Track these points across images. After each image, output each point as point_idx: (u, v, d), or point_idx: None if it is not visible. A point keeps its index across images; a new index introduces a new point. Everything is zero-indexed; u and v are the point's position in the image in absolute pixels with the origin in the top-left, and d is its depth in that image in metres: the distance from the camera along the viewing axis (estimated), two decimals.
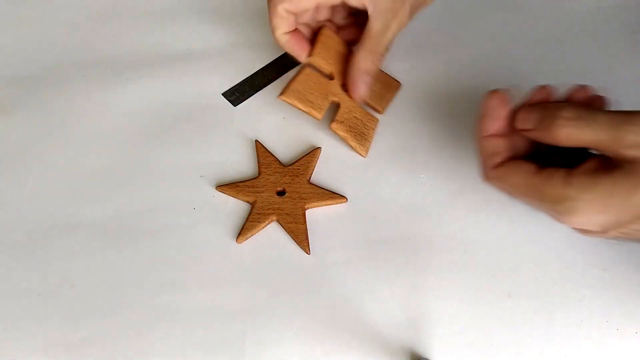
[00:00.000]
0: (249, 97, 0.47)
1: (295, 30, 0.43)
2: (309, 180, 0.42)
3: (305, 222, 0.40)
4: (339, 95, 0.43)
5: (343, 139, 0.42)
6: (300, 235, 0.39)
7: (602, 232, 0.30)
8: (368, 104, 0.45)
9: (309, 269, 0.39)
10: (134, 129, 0.45)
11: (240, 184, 0.42)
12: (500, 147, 0.34)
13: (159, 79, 0.48)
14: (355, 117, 0.43)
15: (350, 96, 0.43)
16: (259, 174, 0.42)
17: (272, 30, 0.42)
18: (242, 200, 0.41)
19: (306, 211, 0.40)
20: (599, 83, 0.47)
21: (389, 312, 0.37)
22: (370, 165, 0.43)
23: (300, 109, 0.40)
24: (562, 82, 0.48)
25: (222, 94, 0.47)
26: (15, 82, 0.48)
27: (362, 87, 0.42)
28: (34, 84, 0.48)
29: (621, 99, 0.46)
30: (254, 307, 0.37)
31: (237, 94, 0.47)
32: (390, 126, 0.45)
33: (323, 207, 0.41)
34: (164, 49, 0.50)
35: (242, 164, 0.43)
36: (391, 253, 0.39)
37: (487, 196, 0.41)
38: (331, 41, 0.43)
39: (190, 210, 0.41)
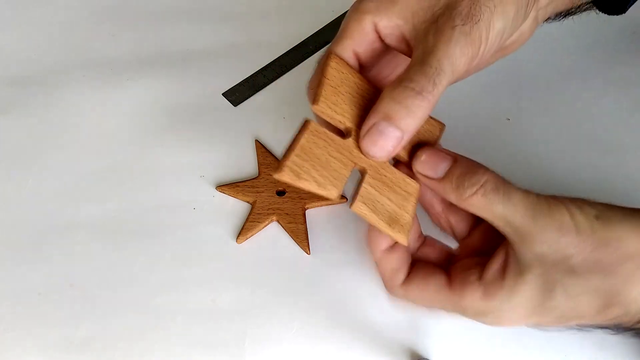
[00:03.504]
0: (249, 97, 0.47)
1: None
2: None
3: (305, 222, 0.40)
4: (362, 159, 0.29)
5: (371, 223, 0.29)
6: (300, 235, 0.39)
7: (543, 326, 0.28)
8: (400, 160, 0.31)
9: (309, 269, 0.38)
10: (134, 129, 0.45)
11: (240, 184, 0.42)
12: (400, 260, 0.29)
13: (159, 79, 0.48)
14: (386, 186, 0.29)
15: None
16: (259, 174, 0.42)
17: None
18: (242, 200, 0.41)
19: (306, 211, 0.40)
20: (599, 83, 0.47)
21: (389, 312, 0.37)
22: None
23: (305, 189, 0.27)
24: (562, 82, 0.48)
25: (222, 94, 0.47)
26: (15, 82, 0.48)
27: (380, 142, 0.27)
28: (34, 84, 0.48)
29: (621, 99, 0.46)
30: (254, 307, 0.37)
31: (237, 94, 0.47)
32: None
33: (323, 207, 0.41)
34: (164, 49, 0.50)
35: (242, 164, 0.43)
36: None
37: None
38: (344, 77, 0.29)
39: (190, 210, 0.41)
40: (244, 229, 0.40)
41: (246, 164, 0.43)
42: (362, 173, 0.29)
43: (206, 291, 0.38)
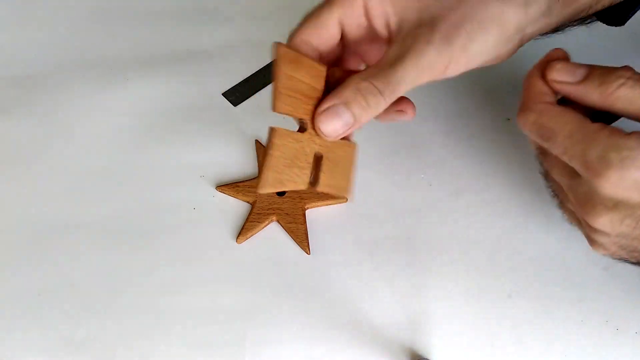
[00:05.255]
0: (249, 97, 0.47)
1: None
2: None
3: (305, 222, 0.40)
4: (318, 144, 0.30)
5: (334, 194, 0.32)
6: (300, 235, 0.39)
7: (630, 215, 0.27)
8: None
9: (309, 269, 0.39)
10: (134, 129, 0.45)
11: (240, 184, 0.42)
12: (551, 92, 0.30)
13: (159, 79, 0.48)
14: (336, 163, 0.31)
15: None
16: (259, 174, 0.42)
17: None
18: (242, 200, 0.41)
19: (306, 211, 0.40)
20: None
21: (389, 312, 0.37)
22: (370, 165, 0.43)
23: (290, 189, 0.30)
24: None
25: (222, 94, 0.47)
26: (15, 82, 0.48)
27: (334, 122, 0.29)
28: (34, 84, 0.48)
29: None
30: (254, 307, 0.37)
31: (237, 94, 0.47)
32: (390, 125, 0.45)
33: (323, 207, 0.41)
34: (164, 49, 0.50)
35: (242, 164, 0.43)
36: (391, 253, 0.39)
37: (487, 196, 0.41)
38: (298, 70, 0.30)
39: (190, 210, 0.41)
40: (244, 229, 0.40)
41: (246, 164, 0.43)
42: (319, 158, 0.31)
43: (206, 291, 0.38)
